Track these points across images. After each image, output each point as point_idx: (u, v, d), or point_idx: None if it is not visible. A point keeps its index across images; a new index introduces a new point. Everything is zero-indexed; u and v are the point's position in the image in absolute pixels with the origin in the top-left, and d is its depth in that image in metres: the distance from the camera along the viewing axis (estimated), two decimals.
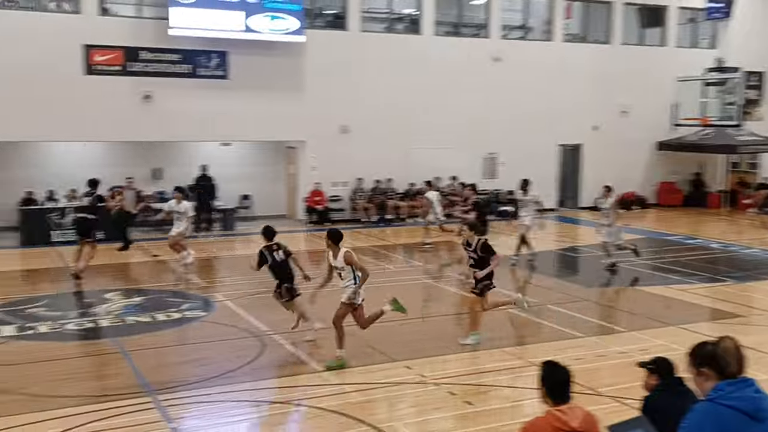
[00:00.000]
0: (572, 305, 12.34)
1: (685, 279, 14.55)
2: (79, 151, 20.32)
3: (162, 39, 19.58)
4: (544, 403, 4.19)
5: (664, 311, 12.11)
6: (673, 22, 26.50)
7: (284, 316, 12.01)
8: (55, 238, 18.19)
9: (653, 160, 26.69)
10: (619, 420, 7.04)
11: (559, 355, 9.12)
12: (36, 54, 18.37)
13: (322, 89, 21.47)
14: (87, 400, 8.08)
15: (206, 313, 11.87)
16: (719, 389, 3.51)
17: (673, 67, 25.31)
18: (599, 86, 25.08)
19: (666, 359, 5.01)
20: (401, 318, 11.62)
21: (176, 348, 10.13)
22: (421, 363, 9.25)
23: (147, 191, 21.24)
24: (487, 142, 23.83)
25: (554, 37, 24.78)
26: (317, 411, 7.81)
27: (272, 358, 9.60)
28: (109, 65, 19.35)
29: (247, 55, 20.52)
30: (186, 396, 8.23)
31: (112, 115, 19.29)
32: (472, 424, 7.46)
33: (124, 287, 13.85)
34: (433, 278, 14.56)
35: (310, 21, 21.68)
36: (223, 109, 20.28)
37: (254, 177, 22.36)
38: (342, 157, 21.84)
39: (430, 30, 23.01)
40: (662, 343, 10.02)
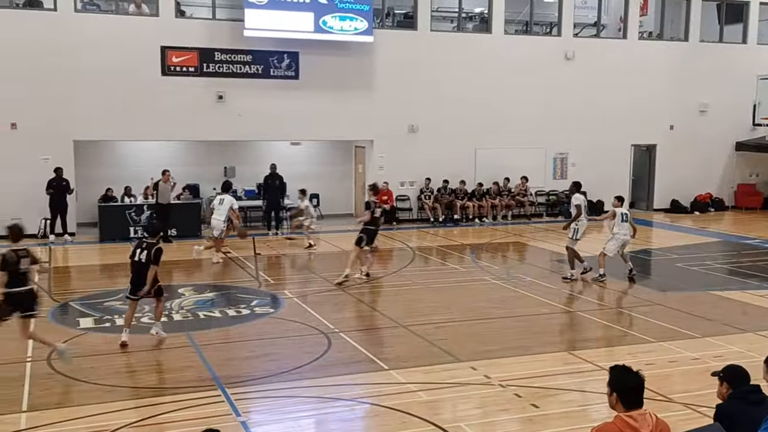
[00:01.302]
0: (644, 309, 12.04)
1: (763, 284, 14.01)
2: (155, 149, 20.95)
3: (235, 40, 19.99)
4: (613, 408, 4.10)
5: (740, 317, 11.69)
6: (754, 18, 25.53)
7: (351, 314, 12.15)
8: (132, 234, 18.80)
9: (732, 161, 25.80)
10: (691, 428, 6.83)
11: (629, 360, 8.92)
12: (116, 56, 19.00)
13: (391, 89, 21.54)
14: (160, 391, 8.33)
15: (275, 310, 12.06)
16: None
17: (754, 64, 24.37)
18: (676, 85, 24.39)
19: (736, 367, 4.85)
20: (468, 319, 11.58)
21: (245, 343, 10.33)
22: (486, 364, 9.19)
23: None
24: (557, 142, 23.48)
25: (629, 34, 24.20)
26: (382, 409, 7.84)
27: (338, 356, 9.68)
28: (185, 66, 19.87)
29: (317, 55, 20.75)
30: (254, 390, 8.39)
31: (187, 115, 19.81)
32: (538, 427, 7.37)
33: (197, 282, 14.20)
34: (500, 279, 14.43)
35: (380, 21, 21.78)
36: (293, 109, 20.57)
37: (323, 176, 22.62)
38: (410, 156, 21.87)
39: (500, 28, 22.80)
40: (738, 350, 9.69)
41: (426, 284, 14.05)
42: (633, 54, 23.91)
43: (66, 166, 18.57)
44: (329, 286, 13.72)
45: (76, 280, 14.96)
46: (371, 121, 21.49)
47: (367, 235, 13.94)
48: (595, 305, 12.78)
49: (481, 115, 22.25)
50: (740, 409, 4.51)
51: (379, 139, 21.76)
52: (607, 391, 4.12)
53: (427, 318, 11.46)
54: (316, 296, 13.00)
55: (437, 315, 11.67)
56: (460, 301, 12.73)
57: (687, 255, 17.06)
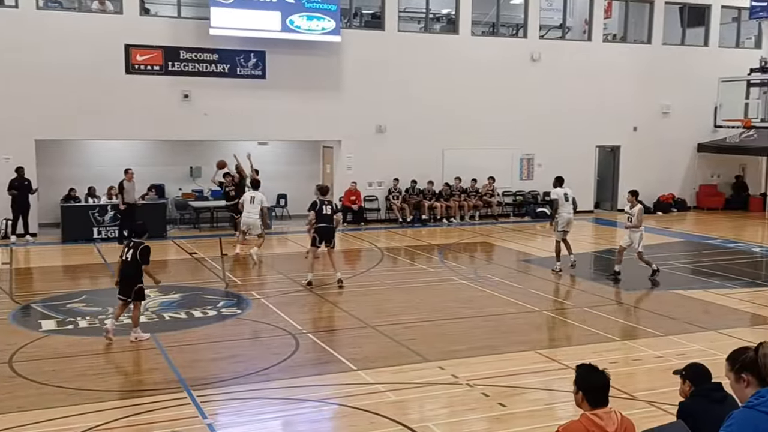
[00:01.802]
0: (609, 308, 12.19)
1: (725, 283, 14.28)
2: (120, 149, 20.68)
3: (200, 39, 19.83)
4: (579, 406, 4.14)
5: (702, 315, 11.90)
6: (715, 22, 26.02)
7: (319, 314, 12.11)
8: (96, 235, 18.55)
9: (693, 163, 26.28)
10: (654, 425, 6.92)
11: (594, 358, 9.02)
12: (79, 54, 18.74)
13: (359, 89, 21.54)
14: (124, 394, 8.22)
15: (242, 311, 11.98)
16: (760, 396, 3.43)
17: (715, 67, 24.84)
18: (639, 87, 24.75)
19: (699, 365, 4.92)
20: (436, 319, 11.62)
21: (212, 345, 10.24)
22: (454, 364, 9.23)
23: (185, 189, 21.59)
24: (523, 143, 23.68)
25: (593, 36, 24.51)
26: (350, 410, 7.83)
27: (306, 356, 9.65)
28: (150, 65, 19.65)
29: (284, 54, 20.68)
30: (221, 392, 8.32)
31: (152, 114, 19.60)
32: (505, 426, 7.41)
33: (162, 284, 14.01)
34: (468, 279, 14.50)
35: (348, 21, 21.76)
36: (260, 109, 20.46)
37: (290, 176, 22.53)
38: (378, 156, 21.89)
39: (467, 30, 22.92)
40: (700, 348, 9.86)
41: (394, 284, 14.07)
42: (597, 56, 24.22)
43: (28, 165, 18.25)
44: (297, 286, 13.66)
45: (38, 282, 14.70)
46: (339, 122, 21.46)
47: (319, 234, 13.57)
48: (562, 304, 12.92)
49: (448, 116, 22.35)
50: (703, 406, 4.58)
51: (347, 139, 21.75)
52: (574, 390, 4.16)
53: (396, 318, 11.47)
54: (283, 297, 12.94)
55: (405, 315, 11.69)
56: (428, 301, 12.77)
57: (650, 255, 17.24)
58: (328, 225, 13.61)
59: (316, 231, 13.60)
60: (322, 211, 13.57)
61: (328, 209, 13.64)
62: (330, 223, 13.62)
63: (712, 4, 25.81)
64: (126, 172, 18.16)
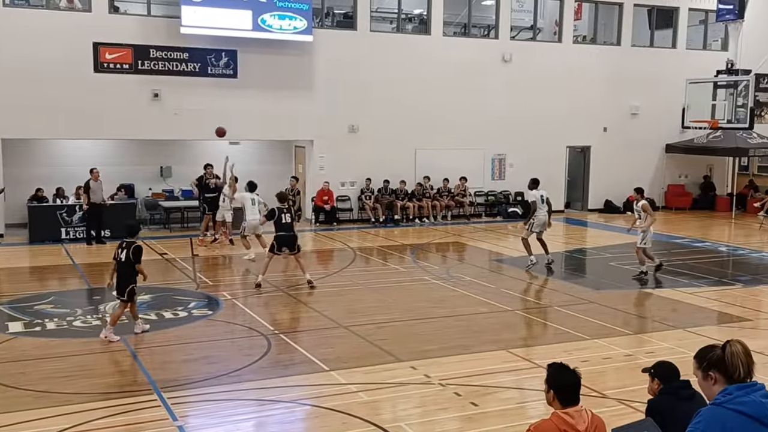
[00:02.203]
0: (580, 307, 12.31)
1: (693, 282, 14.49)
2: (89, 148, 20.41)
3: (171, 37, 19.65)
4: (551, 405, 4.16)
5: (671, 314, 12.06)
6: (683, 24, 26.40)
7: (291, 315, 12.07)
8: (64, 236, 18.29)
9: (662, 163, 26.62)
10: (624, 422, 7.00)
11: (565, 357, 9.09)
12: (47, 52, 18.47)
13: (331, 89, 21.50)
14: (93, 397, 8.10)
15: (213, 312, 11.89)
16: (727, 393, 3.48)
17: (683, 69, 25.19)
18: (609, 88, 25.02)
19: (666, 363, 4.99)
20: (408, 319, 11.64)
21: (183, 346, 10.15)
22: (426, 363, 9.25)
23: (156, 189, 21.38)
24: (495, 143, 23.82)
25: (564, 38, 24.72)
26: (322, 410, 7.81)
27: (278, 357, 9.61)
28: (119, 63, 19.42)
29: (256, 54, 20.57)
30: (192, 394, 8.25)
31: (121, 113, 19.37)
32: (477, 425, 7.45)
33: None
34: (441, 279, 14.55)
35: (320, 20, 21.71)
36: (231, 108, 20.32)
37: (262, 176, 22.22)
38: (350, 156, 21.87)
39: (439, 30, 23.00)
40: (669, 346, 9.99)
41: (367, 284, 14.06)
42: (568, 57, 24.43)
43: None
44: (268, 287, 13.60)
45: (5, 283, 14.43)
46: (311, 121, 21.40)
47: (278, 242, 13.37)
48: (533, 304, 13.01)
49: (420, 116, 22.41)
50: (671, 404, 4.64)
51: (320, 139, 21.69)
52: (545, 389, 4.18)
53: (368, 318, 11.47)
54: (255, 298, 12.87)
55: (378, 315, 11.69)
56: (400, 301, 12.78)
57: (620, 254, 17.50)
58: (287, 233, 13.44)
59: (275, 239, 13.50)
60: (281, 220, 13.40)
61: (287, 218, 13.47)
62: (289, 231, 13.45)
63: (679, 7, 26.18)
64: (92, 171, 17.93)
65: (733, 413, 3.42)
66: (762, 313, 12.42)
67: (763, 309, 12.72)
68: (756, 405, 3.43)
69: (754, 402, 3.43)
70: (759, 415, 3.42)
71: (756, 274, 15.50)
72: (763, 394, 3.49)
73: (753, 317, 11.97)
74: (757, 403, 3.44)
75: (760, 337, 10.65)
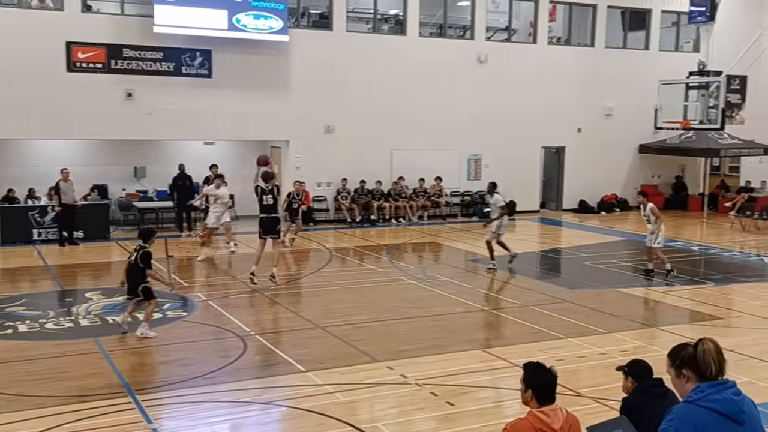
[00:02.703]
0: (555, 306, 12.39)
1: (665, 281, 14.64)
2: (61, 148, 20.16)
3: (145, 37, 19.47)
4: (527, 404, 4.18)
5: (644, 313, 12.20)
6: (656, 26, 26.70)
7: (267, 316, 12.02)
8: (36, 237, 18.06)
9: (635, 163, 26.90)
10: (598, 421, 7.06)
11: (540, 356, 9.15)
12: (18, 51, 18.23)
13: (307, 89, 21.44)
14: (66, 400, 8.00)
15: (188, 313, 11.80)
16: (699, 391, 3.53)
17: (656, 70, 25.48)
18: (583, 89, 25.22)
19: (640, 362, 5.04)
20: (385, 319, 11.65)
21: (157, 348, 10.07)
22: (403, 364, 9.26)
23: (129, 190, 21.17)
24: (471, 144, 23.90)
25: (539, 39, 24.89)
26: (298, 411, 7.79)
27: (254, 359, 9.56)
28: (92, 62, 19.22)
29: (231, 53, 20.46)
30: (167, 396, 8.18)
31: (95, 112, 19.16)
32: (453, 425, 7.47)
33: (106, 287, 13.74)
34: (417, 279, 14.57)
35: (295, 20, 21.64)
36: (206, 108, 20.20)
37: (237, 176, 22.20)
38: (326, 157, 21.83)
39: (414, 31, 23.03)
40: (642, 345, 10.10)
41: (343, 285, 14.04)
42: (543, 58, 24.59)
43: None
44: (244, 288, 13.53)
45: None
46: (287, 121, 21.33)
47: (261, 225, 13.23)
48: (509, 303, 13.07)
49: (397, 116, 22.42)
50: (644, 402, 4.69)
51: (295, 139, 21.63)
52: (522, 388, 4.20)
53: (345, 319, 11.46)
54: (231, 299, 12.80)
55: (355, 315, 11.69)
56: (377, 301, 12.79)
57: (594, 254, 17.67)
58: (268, 215, 13.12)
59: (258, 223, 13.34)
60: (262, 201, 13.07)
61: (269, 199, 13.06)
62: (271, 213, 13.10)
63: (652, 9, 26.48)
64: (62, 172, 17.71)
65: (706, 411, 3.46)
66: (733, 311, 12.60)
67: (734, 307, 12.90)
68: (727, 402, 3.48)
69: (725, 399, 3.48)
70: (730, 412, 3.47)
71: (727, 273, 15.72)
72: (735, 391, 3.53)
73: (725, 315, 12.14)
74: (729, 400, 3.48)
75: (732, 335, 10.81)
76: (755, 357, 9.70)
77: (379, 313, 11.97)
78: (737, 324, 11.73)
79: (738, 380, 3.73)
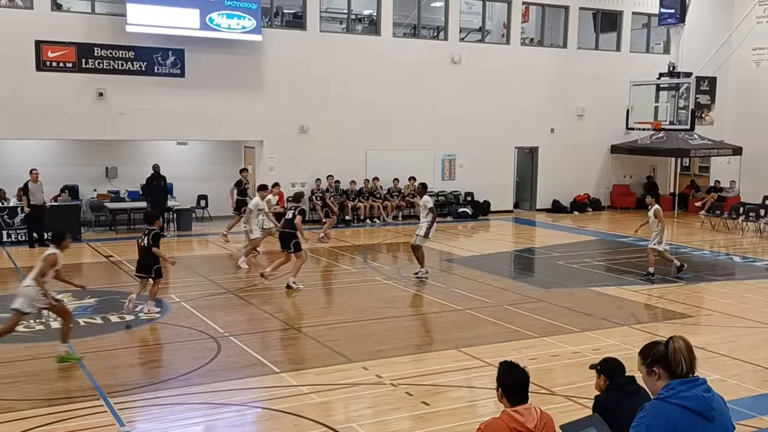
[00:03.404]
0: (529, 305, 12.48)
1: (637, 280, 14.81)
2: (31, 149, 19.89)
3: (116, 35, 19.28)
4: (501, 402, 4.21)
5: (616, 311, 12.32)
6: (627, 27, 26.99)
7: (242, 317, 11.95)
8: (5, 238, 17.78)
9: (607, 164, 27.17)
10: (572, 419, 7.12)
11: (514, 355, 9.21)
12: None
13: (281, 89, 21.37)
14: (36, 403, 7.90)
15: (161, 315, 11.69)
16: (670, 388, 3.57)
17: (627, 71, 25.78)
18: (556, 89, 25.43)
19: (612, 360, 5.08)
20: (359, 319, 11.64)
21: (130, 350, 9.97)
22: (378, 364, 9.26)
23: (101, 190, 20.93)
24: (445, 144, 23.98)
25: (512, 40, 25.04)
26: (273, 413, 7.76)
27: (229, 360, 9.50)
28: (62, 61, 18.98)
29: (204, 53, 20.33)
30: (140, 399, 8.10)
31: (65, 112, 18.94)
32: (428, 424, 7.49)
33: (76, 289, 13.54)
34: (392, 279, 14.58)
35: (269, 20, 21.55)
36: (179, 108, 20.05)
37: (211, 177, 22.13)
38: (300, 157, 21.76)
39: (388, 31, 23.06)
40: (614, 343, 10.20)
41: (318, 285, 14.01)
42: (516, 59, 24.75)
43: None
44: (219, 289, 13.45)
45: None
46: (261, 121, 21.23)
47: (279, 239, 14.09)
48: (483, 303, 13.12)
49: (371, 117, 22.43)
50: (617, 399, 4.73)
51: (269, 139, 21.54)
52: (496, 387, 4.23)
53: (320, 319, 11.43)
54: (204, 300, 12.70)
55: (329, 316, 11.67)
56: (352, 301, 12.78)
57: (567, 253, 17.82)
58: (283, 230, 13.93)
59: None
60: (285, 216, 14.00)
61: (289, 214, 13.90)
62: (284, 228, 13.85)
63: (623, 11, 26.76)
64: (31, 172, 17.47)
65: (677, 407, 3.51)
66: (703, 309, 12.78)
67: (704, 306, 13.09)
68: (698, 399, 3.53)
69: (696, 396, 3.53)
70: (701, 409, 3.52)
71: (697, 271, 15.93)
72: (705, 388, 3.59)
73: (695, 314, 12.31)
74: (699, 397, 3.53)
75: (702, 333, 10.97)
76: (725, 354, 9.85)
77: (354, 313, 11.96)
78: (707, 322, 11.90)
79: (708, 377, 3.79)
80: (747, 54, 27.05)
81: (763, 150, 25.88)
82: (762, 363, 9.59)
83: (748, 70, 27.28)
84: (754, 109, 26.93)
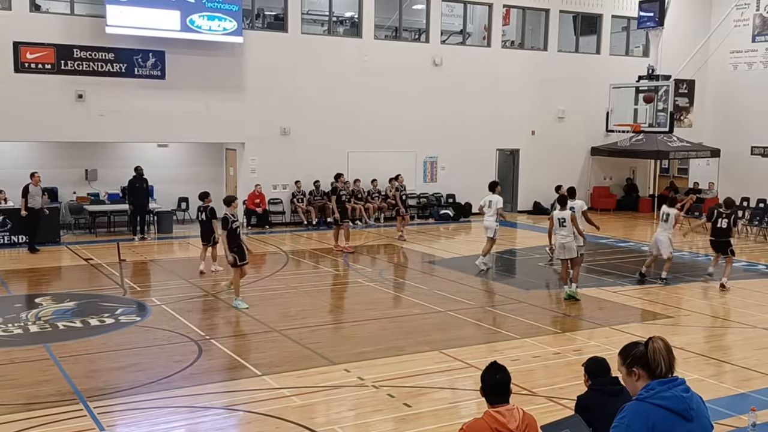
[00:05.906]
0: (510, 307, 12.53)
1: (617, 281, 14.93)
2: (8, 151, 19.67)
3: (96, 37, 19.13)
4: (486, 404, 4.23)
5: (597, 312, 12.40)
6: (607, 30, 27.20)
7: (223, 320, 11.90)
8: None
9: (588, 165, 27.34)
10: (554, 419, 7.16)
11: (496, 356, 9.25)
12: None
13: (262, 91, 21.30)
14: (14, 408, 7.81)
15: (141, 318, 11.61)
16: (650, 388, 3.60)
17: (607, 74, 25.98)
18: (536, 92, 25.56)
19: (594, 359, 5.12)
20: (341, 322, 11.63)
21: (110, 353, 9.89)
22: (360, 366, 9.26)
23: (80, 193, 20.74)
24: (427, 146, 24.03)
25: (493, 43, 25.15)
26: (255, 416, 7.73)
27: (210, 363, 9.46)
28: (41, 63, 18.81)
29: (184, 55, 20.22)
30: (120, 403, 8.04)
31: (44, 114, 18.76)
32: (410, 426, 7.50)
33: (56, 291, 13.44)
34: (374, 281, 14.58)
35: (250, 22, 21.49)
36: (159, 110, 19.93)
37: (192, 179, 21.98)
38: (282, 159, 21.71)
39: (370, 33, 23.07)
40: (595, 344, 10.27)
41: (300, 288, 13.98)
42: (497, 62, 24.86)
43: None
44: (199, 292, 13.38)
45: None
46: (242, 123, 21.16)
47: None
48: (465, 305, 13.15)
49: (352, 119, 22.43)
50: (598, 399, 4.76)
51: (251, 141, 21.47)
52: (480, 388, 4.25)
53: (301, 322, 11.41)
54: (185, 303, 12.63)
55: (311, 318, 11.65)
56: (334, 303, 12.77)
57: (548, 255, 17.86)
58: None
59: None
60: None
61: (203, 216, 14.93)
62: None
63: (603, 14, 26.96)
64: (32, 176, 17.23)
65: (656, 408, 3.54)
66: (682, 310, 12.89)
67: (683, 306, 13.20)
68: (677, 399, 3.56)
69: (675, 396, 3.56)
70: (680, 409, 3.55)
71: (677, 273, 16.07)
72: (684, 388, 3.62)
73: (674, 314, 12.42)
74: (678, 397, 3.57)
75: (681, 334, 11.07)
76: (703, 354, 9.96)
77: (335, 315, 11.95)
78: (686, 323, 12.01)
79: (687, 377, 3.83)
80: (725, 57, 27.37)
81: (740, 152, 26.20)
82: (740, 363, 9.70)
83: (725, 73, 27.59)
84: (732, 111, 27.23)
